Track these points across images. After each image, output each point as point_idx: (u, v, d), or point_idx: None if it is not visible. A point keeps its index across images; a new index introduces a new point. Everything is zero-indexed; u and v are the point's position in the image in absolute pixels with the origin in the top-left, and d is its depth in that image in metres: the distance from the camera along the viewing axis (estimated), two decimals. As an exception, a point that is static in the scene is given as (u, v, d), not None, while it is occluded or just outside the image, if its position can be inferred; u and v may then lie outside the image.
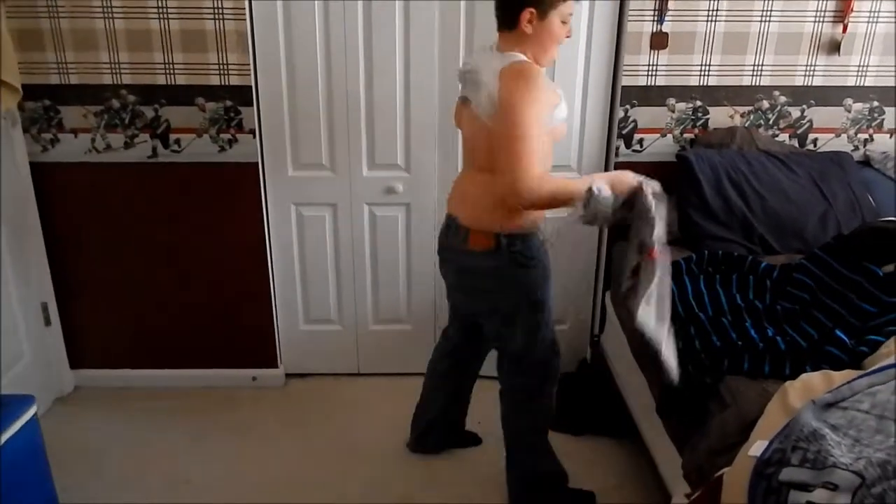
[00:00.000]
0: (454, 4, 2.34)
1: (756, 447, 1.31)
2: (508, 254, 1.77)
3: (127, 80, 2.37)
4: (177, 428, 2.48)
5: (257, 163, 2.48)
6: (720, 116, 2.55)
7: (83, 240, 2.55)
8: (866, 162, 2.60)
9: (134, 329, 2.67)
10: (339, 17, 2.34)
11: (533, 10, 1.67)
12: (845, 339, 1.58)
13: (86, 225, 2.53)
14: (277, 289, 2.68)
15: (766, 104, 2.55)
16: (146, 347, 2.70)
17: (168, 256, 2.58)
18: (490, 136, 1.70)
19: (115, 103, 2.39)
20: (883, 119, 2.59)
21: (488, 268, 1.82)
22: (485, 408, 2.51)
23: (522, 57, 1.71)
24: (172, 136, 2.43)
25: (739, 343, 1.66)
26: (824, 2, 2.42)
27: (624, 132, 2.52)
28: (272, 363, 2.75)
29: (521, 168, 1.59)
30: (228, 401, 2.65)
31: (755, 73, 2.50)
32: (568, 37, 1.76)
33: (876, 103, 2.57)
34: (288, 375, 2.80)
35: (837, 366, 1.52)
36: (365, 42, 2.38)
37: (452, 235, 1.88)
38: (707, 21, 2.42)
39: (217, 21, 2.30)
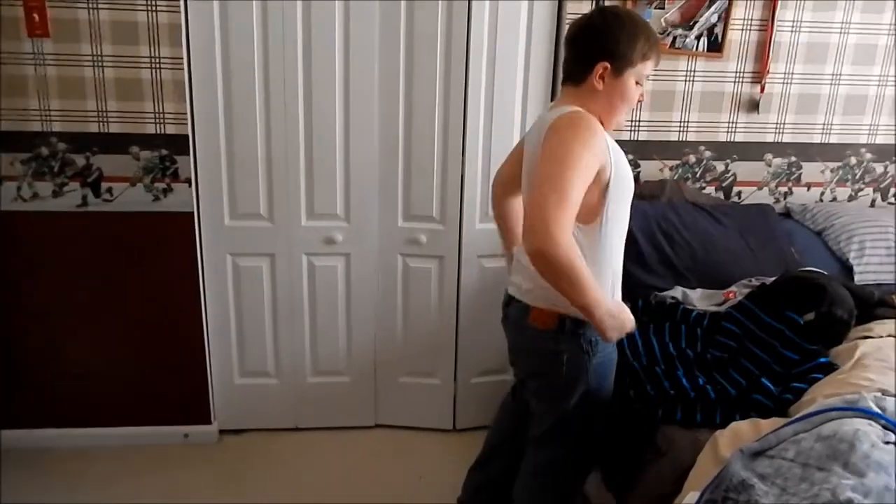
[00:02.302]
0: (393, 51, 2.37)
1: (689, 497, 1.32)
2: (573, 336, 1.59)
3: (57, 127, 2.30)
4: (105, 491, 2.34)
5: (192, 212, 2.43)
6: (651, 169, 2.66)
7: (4, 293, 2.42)
8: (787, 214, 2.75)
9: (60, 386, 2.53)
10: (279, 67, 2.35)
11: (608, 64, 1.52)
12: (771, 387, 1.64)
13: (8, 277, 2.41)
14: (212, 341, 2.60)
15: (692, 158, 2.67)
16: (72, 405, 2.56)
17: (96, 309, 2.47)
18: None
19: (44, 151, 2.31)
20: (801, 173, 2.75)
21: (547, 350, 1.63)
22: (429, 462, 2.47)
23: (578, 108, 1.54)
24: (104, 185, 2.36)
25: (672, 392, 1.70)
26: (743, 64, 2.58)
27: (560, 184, 2.59)
28: (205, 419, 2.64)
29: (547, 209, 1.39)
30: (159, 460, 2.52)
31: (682, 129, 2.63)
32: (640, 100, 1.62)
33: (794, 158, 2.73)
34: (222, 432, 2.69)
35: (765, 413, 1.56)
36: (304, 90, 2.38)
37: (513, 308, 1.71)
38: (636, 80, 2.54)
39: (154, 70, 2.28)
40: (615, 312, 1.52)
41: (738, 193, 2.74)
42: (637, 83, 1.57)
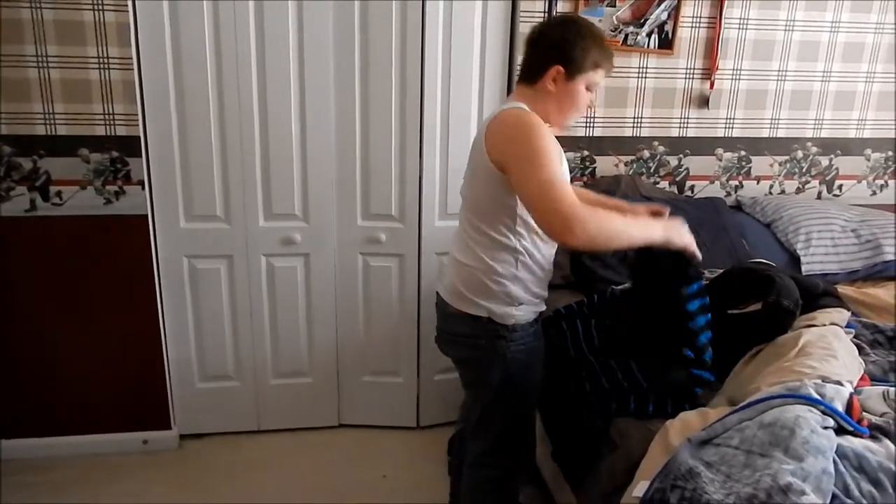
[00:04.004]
0: (348, 49, 2.37)
1: (639, 488, 1.36)
2: (489, 322, 1.66)
3: (2, 130, 2.24)
4: (62, 502, 2.29)
5: (147, 215, 2.39)
6: (606, 165, 2.70)
7: (-50, 300, 2.35)
8: (738, 206, 2.82)
9: (11, 395, 2.47)
10: (232, 65, 2.32)
11: (561, 68, 1.57)
12: (712, 378, 1.68)
13: (-47, 284, 2.34)
14: (170, 346, 2.57)
15: (646, 153, 2.72)
16: (25, 414, 2.50)
17: (49, 315, 2.41)
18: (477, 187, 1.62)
19: (-11, 155, 2.26)
20: (750, 167, 2.82)
21: (465, 335, 1.71)
22: (393, 461, 2.47)
23: (523, 105, 1.59)
24: (53, 189, 2.31)
25: (626, 384, 1.73)
26: (693, 60, 2.63)
27: (518, 181, 2.62)
28: (165, 424, 2.61)
29: (554, 200, 1.43)
30: (117, 469, 2.48)
31: (636, 125, 2.67)
32: (591, 107, 1.70)
33: (743, 152, 2.80)
34: (182, 437, 2.66)
35: (706, 385, 1.61)
36: (259, 88, 2.36)
37: (440, 299, 1.78)
38: (590, 77, 2.57)
39: (102, 71, 2.23)
40: (671, 226, 1.64)
41: (692, 187, 2.81)
42: (587, 89, 1.63)
